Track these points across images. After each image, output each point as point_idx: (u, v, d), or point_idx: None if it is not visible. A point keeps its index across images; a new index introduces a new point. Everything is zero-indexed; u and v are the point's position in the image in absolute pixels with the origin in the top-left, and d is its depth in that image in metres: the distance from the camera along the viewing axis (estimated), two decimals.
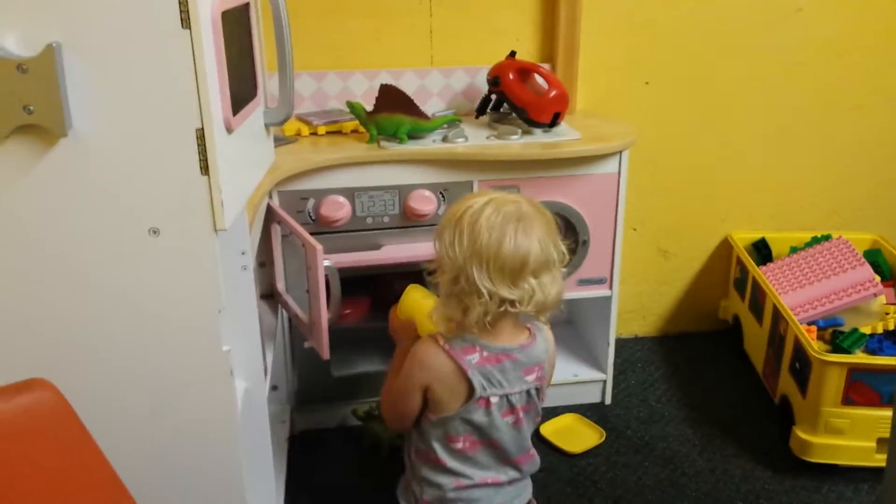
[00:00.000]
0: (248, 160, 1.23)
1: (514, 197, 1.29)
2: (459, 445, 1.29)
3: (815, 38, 2.26)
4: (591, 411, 2.13)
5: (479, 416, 1.28)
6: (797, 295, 2.15)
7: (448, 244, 1.26)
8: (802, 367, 1.91)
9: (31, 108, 0.94)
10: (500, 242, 1.22)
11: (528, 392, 1.32)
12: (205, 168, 1.01)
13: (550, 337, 1.38)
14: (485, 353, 1.27)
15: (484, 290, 1.22)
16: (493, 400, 1.28)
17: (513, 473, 1.34)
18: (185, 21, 0.95)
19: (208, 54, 0.99)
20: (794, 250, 2.33)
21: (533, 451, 1.37)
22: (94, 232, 1.02)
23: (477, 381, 1.26)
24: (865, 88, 2.33)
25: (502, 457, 1.32)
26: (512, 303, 1.23)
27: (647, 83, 2.25)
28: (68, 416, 0.83)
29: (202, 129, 1.00)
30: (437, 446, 1.30)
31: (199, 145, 1.00)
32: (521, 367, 1.30)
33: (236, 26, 1.13)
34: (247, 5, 1.20)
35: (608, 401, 2.18)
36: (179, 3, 0.94)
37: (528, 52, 2.15)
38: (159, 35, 0.96)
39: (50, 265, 1.03)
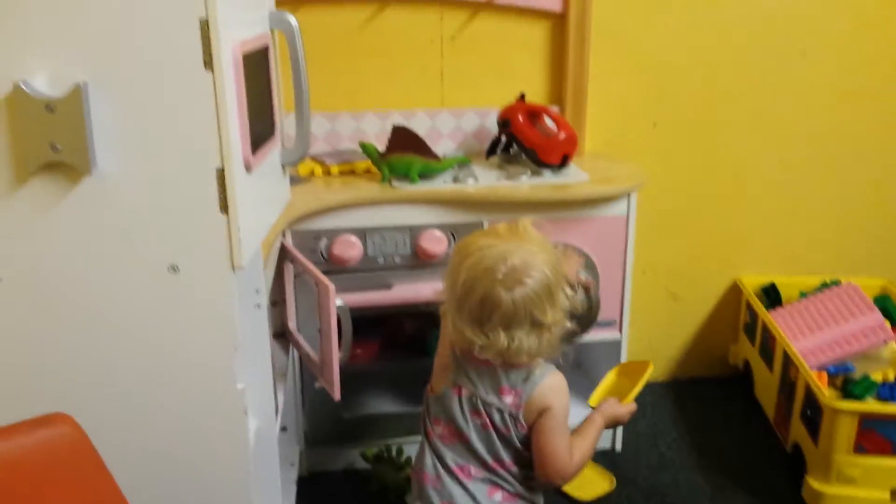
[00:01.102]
0: (265, 199, 1.24)
1: (519, 246, 1.28)
2: (440, 430, 1.36)
3: (820, 82, 2.29)
4: (601, 458, 2.10)
5: (454, 406, 1.34)
6: (807, 341, 2.14)
7: (445, 273, 1.35)
8: (814, 414, 1.90)
9: (58, 146, 0.96)
10: (471, 290, 1.26)
11: (501, 414, 1.32)
12: (224, 206, 1.03)
13: (556, 381, 1.35)
14: (472, 352, 1.31)
15: (452, 326, 1.30)
16: (464, 392, 1.33)
17: (496, 479, 1.35)
18: (209, 63, 0.97)
19: (230, 95, 1.01)
20: (803, 295, 2.33)
21: (510, 463, 1.35)
22: (114, 268, 1.03)
23: (454, 367, 1.34)
24: (872, 132, 2.35)
25: (478, 458, 1.35)
26: (478, 346, 1.27)
27: (654, 125, 2.27)
28: (87, 451, 0.82)
29: (222, 168, 1.01)
30: (428, 422, 1.39)
31: (219, 184, 1.02)
32: (497, 382, 1.32)
33: (257, 68, 1.15)
34: (267, 47, 1.22)
35: (619, 447, 2.16)
36: (203, 45, 0.96)
37: (537, 95, 2.18)
38: (183, 76, 0.97)
39: (70, 300, 1.03)
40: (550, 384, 1.33)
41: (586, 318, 1.84)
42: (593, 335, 2.02)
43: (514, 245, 1.28)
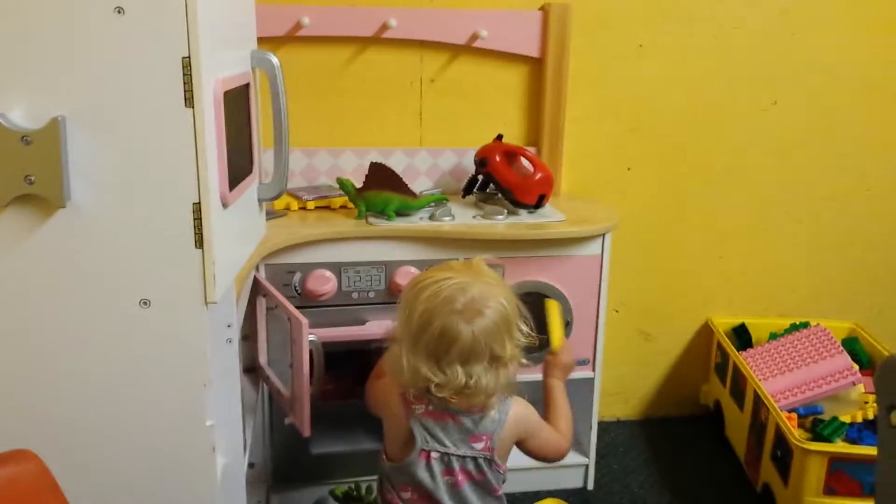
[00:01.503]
0: (240, 234, 1.24)
1: (475, 281, 1.27)
2: (407, 496, 1.34)
3: (790, 130, 2.34)
4: (572, 497, 2.09)
5: (420, 472, 1.30)
6: (777, 381, 2.16)
7: (398, 309, 1.31)
8: (784, 455, 1.91)
9: (33, 178, 0.96)
10: (429, 323, 1.23)
11: (476, 461, 1.32)
12: (199, 242, 1.03)
13: (520, 410, 1.36)
14: (430, 408, 1.30)
15: (406, 364, 1.25)
16: (434, 455, 1.30)
17: None
18: (189, 100, 0.98)
19: (209, 132, 1.01)
20: (773, 336, 2.36)
21: None
22: (84, 302, 1.02)
23: (419, 432, 1.30)
24: (840, 178, 2.41)
25: None
26: (435, 384, 1.24)
27: (629, 169, 2.31)
28: (51, 489, 0.81)
29: (199, 203, 1.02)
30: (391, 489, 1.36)
31: (195, 219, 1.02)
32: (465, 432, 1.31)
33: (237, 105, 1.16)
34: (247, 85, 1.23)
35: (590, 486, 2.15)
36: (184, 82, 0.97)
37: (514, 136, 2.21)
38: (163, 112, 0.98)
39: (39, 333, 1.02)
40: (515, 416, 1.34)
41: None
42: None
43: (472, 278, 1.28)
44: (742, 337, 2.42)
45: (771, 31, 2.26)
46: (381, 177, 1.90)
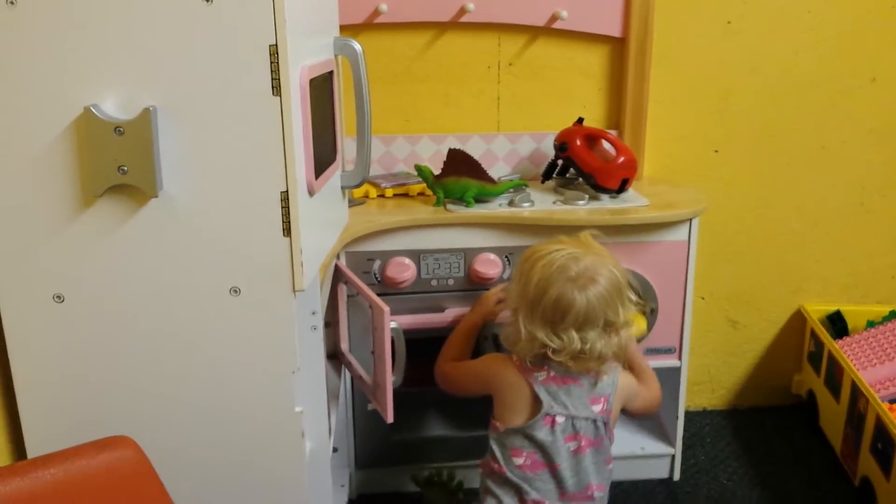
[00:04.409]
0: (325, 222, 1.25)
1: (586, 252, 1.38)
2: (521, 461, 1.38)
3: (889, 107, 2.21)
4: (658, 487, 2.05)
5: (543, 434, 1.37)
6: (876, 371, 2.06)
7: (513, 280, 1.44)
8: (885, 447, 1.82)
9: (126, 168, 0.98)
10: (545, 291, 1.34)
11: (594, 423, 1.39)
12: (287, 230, 1.03)
13: (626, 377, 1.48)
14: (552, 374, 1.39)
15: (523, 331, 1.36)
16: (559, 420, 1.37)
17: None
18: (276, 88, 0.98)
19: (296, 120, 1.01)
20: (871, 324, 2.24)
21: (593, 493, 1.40)
22: (177, 290, 1.04)
23: (544, 396, 1.37)
24: None
25: (560, 487, 1.37)
26: (551, 349, 1.34)
27: (716, 151, 2.23)
28: (148, 474, 0.83)
29: (287, 191, 1.02)
30: (500, 456, 1.40)
31: (282, 207, 1.02)
32: (586, 395, 1.39)
33: (321, 93, 1.16)
34: (331, 73, 1.23)
35: (676, 476, 2.09)
36: (272, 71, 0.97)
37: (595, 119, 2.15)
38: (251, 101, 0.99)
39: (133, 321, 1.05)
40: (623, 383, 1.46)
41: None
42: (653, 362, 1.97)
43: (583, 249, 1.39)
44: (837, 325, 2.31)
45: (868, 4, 2.13)
46: (460, 163, 1.88)
